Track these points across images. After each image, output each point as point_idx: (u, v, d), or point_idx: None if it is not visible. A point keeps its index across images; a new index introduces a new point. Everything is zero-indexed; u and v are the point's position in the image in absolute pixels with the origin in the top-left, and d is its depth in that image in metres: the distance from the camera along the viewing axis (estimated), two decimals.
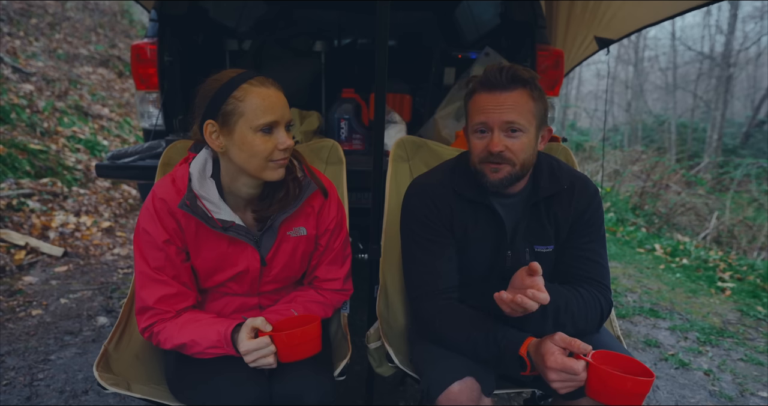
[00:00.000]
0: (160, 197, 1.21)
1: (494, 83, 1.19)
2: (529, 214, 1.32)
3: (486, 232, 1.33)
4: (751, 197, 8.02)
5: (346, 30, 4.42)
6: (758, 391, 2.37)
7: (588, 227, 1.32)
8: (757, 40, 14.09)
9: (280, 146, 1.15)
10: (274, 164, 1.17)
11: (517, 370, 1.12)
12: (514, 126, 1.18)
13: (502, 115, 1.18)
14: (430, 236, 1.32)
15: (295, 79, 3.14)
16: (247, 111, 1.12)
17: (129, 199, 5.11)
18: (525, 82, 1.19)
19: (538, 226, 1.32)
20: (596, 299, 1.25)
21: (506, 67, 1.19)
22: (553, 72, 2.73)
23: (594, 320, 1.24)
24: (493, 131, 1.20)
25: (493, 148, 1.19)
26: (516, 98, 1.18)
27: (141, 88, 2.64)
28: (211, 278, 1.29)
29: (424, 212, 1.33)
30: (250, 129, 1.13)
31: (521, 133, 1.20)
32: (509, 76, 1.18)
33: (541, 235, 1.32)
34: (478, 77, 1.23)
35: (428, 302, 1.28)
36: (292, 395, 1.17)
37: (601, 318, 1.26)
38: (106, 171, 2.32)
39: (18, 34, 6.74)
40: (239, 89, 1.13)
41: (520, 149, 1.20)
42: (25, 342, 2.46)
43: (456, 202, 1.33)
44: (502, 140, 1.19)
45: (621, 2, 2.70)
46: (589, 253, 1.31)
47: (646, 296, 3.65)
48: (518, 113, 1.18)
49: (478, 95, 1.22)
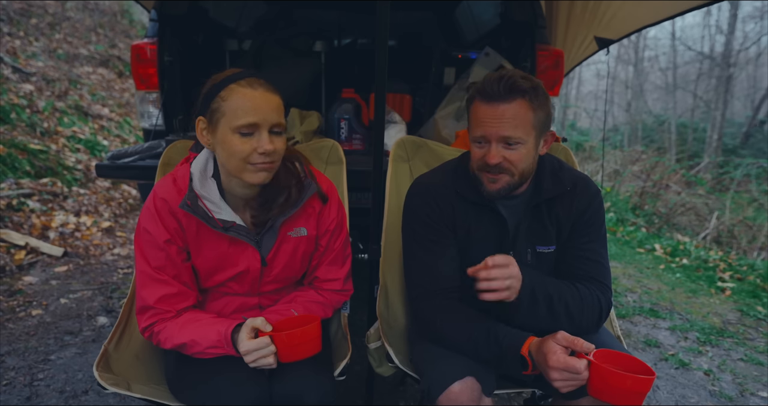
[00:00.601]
0: (161, 197, 1.21)
1: (492, 95, 1.17)
2: (531, 215, 1.32)
3: (489, 232, 1.33)
4: (751, 197, 8.01)
5: (346, 30, 4.42)
6: (758, 391, 2.37)
7: (588, 226, 1.32)
8: (757, 40, 14.09)
9: (259, 150, 1.13)
10: (252, 167, 1.15)
11: (518, 370, 1.12)
12: (511, 140, 1.18)
13: (500, 130, 1.17)
14: (431, 236, 1.32)
15: (295, 79, 3.14)
16: (228, 111, 1.12)
17: (129, 199, 5.11)
18: (524, 92, 1.16)
19: (539, 226, 1.32)
20: (594, 296, 1.24)
21: (505, 76, 1.17)
22: (553, 72, 2.73)
23: (592, 317, 1.24)
24: (490, 144, 1.20)
25: (491, 161, 1.19)
26: (514, 110, 1.16)
27: (141, 88, 2.64)
28: (211, 278, 1.29)
29: (427, 212, 1.33)
30: (230, 129, 1.13)
31: (519, 145, 1.19)
32: (507, 87, 1.16)
33: (542, 235, 1.32)
34: (478, 85, 1.21)
35: (428, 302, 1.28)
36: (292, 395, 1.17)
37: (600, 316, 1.26)
38: (106, 171, 2.32)
39: (18, 34, 6.74)
40: (226, 89, 1.13)
41: (519, 160, 1.20)
42: (25, 342, 2.46)
43: (458, 203, 1.33)
44: (500, 152, 1.19)
45: (621, 2, 2.70)
46: (589, 253, 1.31)
47: (646, 296, 3.65)
48: (515, 127, 1.17)
49: (477, 104, 1.21)
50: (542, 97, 1.20)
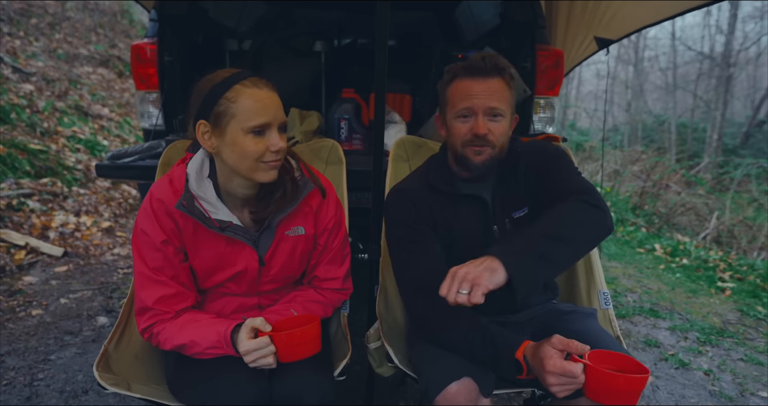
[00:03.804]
0: (158, 198, 1.21)
1: (478, 70, 1.26)
2: (500, 186, 1.38)
3: (470, 220, 1.36)
4: (751, 197, 8.01)
5: (346, 30, 4.42)
6: (758, 391, 2.37)
7: (553, 163, 1.33)
8: (757, 40, 14.09)
9: (271, 148, 1.14)
10: (265, 166, 1.16)
11: (513, 373, 1.12)
12: (496, 111, 1.26)
13: (487, 101, 1.25)
14: (413, 238, 1.33)
15: (295, 79, 3.14)
16: (239, 112, 1.12)
17: (129, 199, 5.11)
18: (504, 70, 1.28)
19: (510, 193, 1.38)
20: (579, 206, 1.17)
21: (488, 55, 1.27)
22: (553, 72, 2.73)
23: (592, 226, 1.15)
24: (477, 115, 1.26)
25: (479, 131, 1.26)
26: (497, 85, 1.26)
27: (141, 88, 2.63)
28: (209, 279, 1.29)
29: (405, 214, 1.35)
30: (242, 130, 1.12)
31: (501, 118, 1.28)
32: (492, 64, 1.26)
33: (515, 201, 1.38)
34: (460, 64, 1.29)
35: (422, 302, 1.28)
36: (292, 395, 1.17)
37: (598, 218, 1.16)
38: (106, 171, 2.32)
39: (18, 34, 6.74)
40: (231, 90, 1.12)
41: (500, 132, 1.28)
42: (25, 342, 2.46)
43: (434, 201, 1.36)
44: (486, 124, 1.26)
45: (621, 2, 2.70)
46: (564, 182, 1.28)
47: (646, 296, 3.65)
48: (499, 100, 1.26)
49: (460, 81, 1.29)
50: (515, 81, 1.33)
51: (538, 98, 2.71)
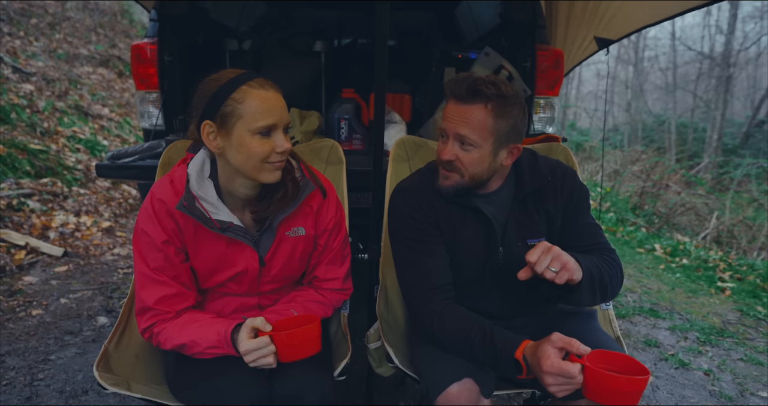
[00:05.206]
0: (159, 198, 1.21)
1: (455, 94, 1.21)
2: (518, 209, 1.34)
3: (474, 230, 1.34)
4: (751, 197, 8.01)
5: (346, 30, 4.42)
6: (758, 391, 2.37)
7: (581, 205, 1.36)
8: (757, 40, 14.09)
9: (277, 149, 1.15)
10: (270, 166, 1.17)
11: (513, 373, 1.12)
12: (465, 140, 1.21)
13: (456, 127, 1.21)
14: (417, 237, 1.33)
15: (295, 79, 3.14)
16: (246, 113, 1.12)
17: (129, 199, 5.11)
18: (486, 98, 1.17)
19: (528, 220, 1.34)
20: (614, 260, 1.30)
21: (471, 79, 1.19)
22: (553, 72, 2.73)
23: (620, 279, 1.29)
24: (448, 139, 1.24)
25: (442, 156, 1.24)
26: (472, 113, 1.19)
27: (141, 88, 2.63)
28: (210, 279, 1.29)
29: (409, 213, 1.34)
30: (249, 131, 1.12)
31: (473, 148, 1.21)
32: (469, 90, 1.18)
33: (531, 228, 1.34)
34: (452, 81, 1.24)
35: (425, 303, 1.28)
36: (292, 395, 1.17)
37: (621, 275, 1.30)
38: (106, 171, 2.32)
39: (18, 34, 6.74)
40: (238, 91, 1.12)
41: (470, 163, 1.23)
42: (25, 342, 2.46)
43: (439, 203, 1.35)
44: (454, 150, 1.23)
45: (621, 2, 2.69)
46: (589, 226, 1.35)
47: (646, 296, 3.65)
48: (471, 129, 1.19)
49: (448, 100, 1.25)
50: (510, 108, 1.20)
51: (538, 98, 2.71)
